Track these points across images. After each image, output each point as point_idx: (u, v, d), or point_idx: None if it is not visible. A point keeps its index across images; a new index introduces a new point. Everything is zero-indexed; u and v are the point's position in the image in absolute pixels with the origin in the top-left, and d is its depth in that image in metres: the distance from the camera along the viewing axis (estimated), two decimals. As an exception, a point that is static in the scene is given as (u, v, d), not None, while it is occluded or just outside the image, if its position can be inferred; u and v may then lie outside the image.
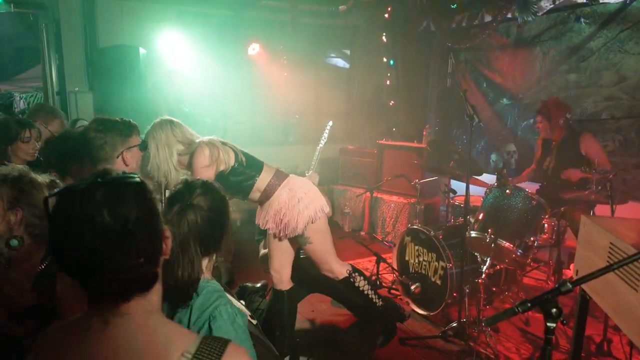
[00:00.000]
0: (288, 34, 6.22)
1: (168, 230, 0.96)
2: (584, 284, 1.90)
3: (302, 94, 6.86)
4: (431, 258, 3.52)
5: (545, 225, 3.43)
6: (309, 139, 6.74)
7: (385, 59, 6.79)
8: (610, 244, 1.75)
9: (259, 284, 3.48)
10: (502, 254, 3.32)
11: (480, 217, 3.38)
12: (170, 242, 0.96)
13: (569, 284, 1.21)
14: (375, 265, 3.87)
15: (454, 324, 3.18)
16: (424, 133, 5.63)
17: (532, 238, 3.22)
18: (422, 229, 3.61)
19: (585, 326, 2.10)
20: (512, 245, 3.17)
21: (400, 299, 3.74)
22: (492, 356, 2.98)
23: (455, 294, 3.32)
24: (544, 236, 3.44)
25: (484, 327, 3.11)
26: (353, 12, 6.69)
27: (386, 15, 6.46)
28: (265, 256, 3.01)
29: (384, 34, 6.67)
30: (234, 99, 6.40)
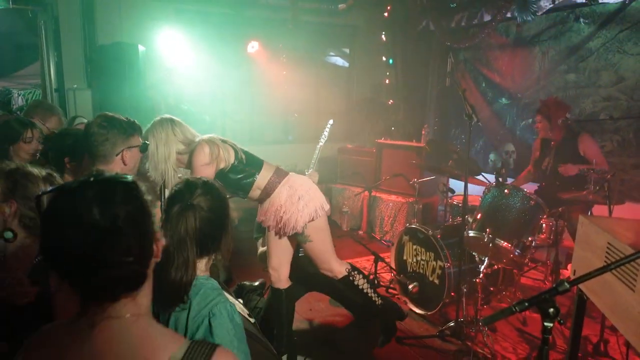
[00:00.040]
0: (287, 32, 6.22)
1: (160, 233, 0.96)
2: (582, 284, 1.91)
3: (302, 92, 6.85)
4: (429, 257, 3.53)
5: (543, 225, 3.44)
6: (308, 138, 6.74)
7: (384, 58, 6.79)
8: (608, 244, 1.75)
9: (257, 283, 3.47)
10: (500, 254, 3.32)
11: (478, 217, 3.39)
12: (162, 245, 0.96)
13: (566, 284, 1.21)
14: (374, 264, 3.88)
15: (452, 324, 3.19)
16: (423, 132, 5.63)
17: (530, 238, 3.22)
18: (421, 228, 3.61)
19: (582, 326, 2.11)
20: (510, 245, 3.17)
21: (398, 298, 3.75)
22: (490, 356, 2.98)
23: (453, 294, 3.33)
24: (542, 236, 3.45)
25: (481, 327, 3.12)
26: (353, 11, 6.69)
27: (386, 14, 6.46)
28: (263, 255, 3.00)
29: (384, 33, 6.67)
30: (233, 97, 6.40)
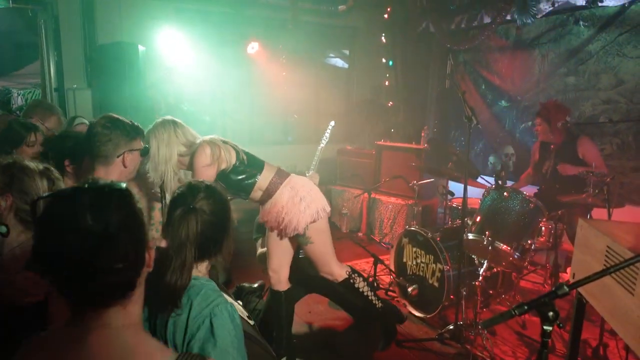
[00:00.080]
0: (287, 33, 6.22)
1: (153, 241, 0.97)
2: (581, 288, 1.91)
3: (301, 93, 6.85)
4: (429, 260, 3.52)
5: (543, 229, 3.44)
6: (307, 139, 6.75)
7: (384, 59, 6.79)
8: (607, 247, 1.75)
9: (256, 284, 3.46)
10: (500, 257, 3.32)
11: (477, 220, 3.38)
12: (154, 253, 0.97)
13: (565, 287, 1.21)
14: (373, 266, 3.87)
15: (451, 327, 3.18)
16: (423, 134, 5.62)
17: (530, 241, 3.22)
18: (420, 230, 3.61)
19: (581, 330, 2.11)
20: (510, 248, 3.17)
21: (398, 301, 3.74)
22: (489, 359, 2.98)
23: (452, 297, 3.33)
24: (542, 239, 3.44)
25: (480, 330, 3.12)
26: (353, 12, 6.69)
27: (386, 15, 6.47)
28: (263, 255, 2.99)
29: (384, 34, 6.67)
30: (233, 98, 6.40)
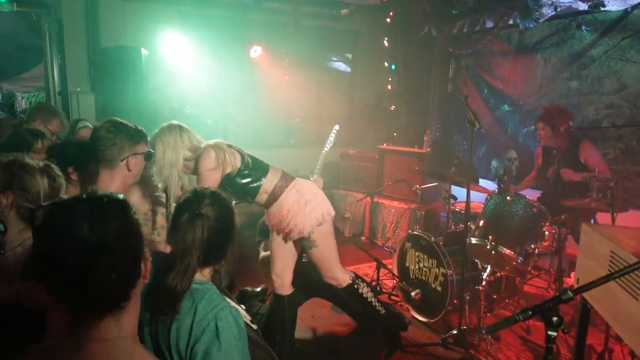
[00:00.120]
0: (290, 37, 6.24)
1: (148, 253, 0.98)
2: (585, 293, 1.89)
3: (304, 97, 6.86)
4: (432, 264, 3.51)
5: (546, 233, 3.42)
6: (310, 143, 6.76)
7: (386, 63, 6.80)
8: (611, 252, 1.74)
9: (259, 288, 3.46)
10: (503, 261, 3.31)
11: (480, 224, 3.38)
12: (150, 265, 0.98)
13: (570, 293, 1.21)
14: (376, 270, 3.86)
15: (455, 332, 3.16)
16: (425, 138, 5.63)
17: (533, 245, 3.21)
18: (423, 235, 3.60)
19: (586, 335, 2.10)
20: (513, 252, 3.16)
21: (401, 306, 3.73)
22: (492, 364, 2.97)
23: (455, 301, 3.31)
24: (545, 244, 3.43)
25: (484, 335, 3.10)
26: (355, 17, 6.71)
27: (388, 20, 6.48)
28: (265, 259, 2.99)
29: (386, 38, 6.68)
30: (236, 101, 6.41)
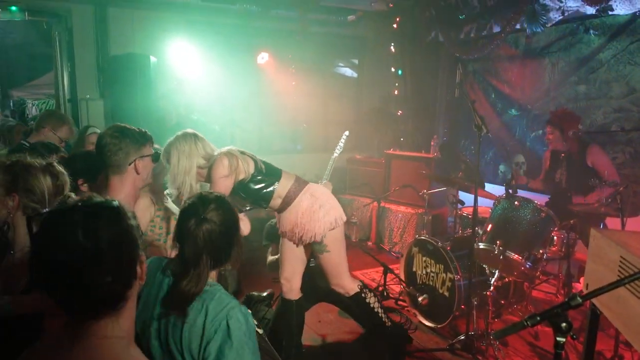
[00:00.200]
0: (297, 43, 6.28)
1: (144, 255, 1.02)
2: (594, 298, 1.88)
3: (310, 102, 6.89)
4: (439, 269, 3.50)
5: (555, 238, 3.39)
6: (316, 148, 6.78)
7: (393, 69, 6.82)
8: (621, 257, 1.72)
9: (265, 293, 3.47)
10: (511, 266, 3.29)
11: (488, 229, 3.36)
12: (146, 267, 1.02)
13: (579, 298, 1.20)
14: (383, 275, 3.85)
15: (462, 337, 3.15)
16: (432, 143, 5.62)
17: (541, 250, 3.19)
18: (430, 239, 3.59)
19: (595, 341, 2.07)
20: (521, 257, 3.13)
21: (408, 311, 3.72)
22: (500, 370, 2.95)
23: (463, 307, 3.29)
24: (553, 249, 3.40)
25: (492, 341, 3.08)
26: (362, 23, 6.74)
27: (395, 25, 6.49)
28: (273, 263, 3.00)
29: (392, 44, 6.70)
30: (243, 107, 6.45)
